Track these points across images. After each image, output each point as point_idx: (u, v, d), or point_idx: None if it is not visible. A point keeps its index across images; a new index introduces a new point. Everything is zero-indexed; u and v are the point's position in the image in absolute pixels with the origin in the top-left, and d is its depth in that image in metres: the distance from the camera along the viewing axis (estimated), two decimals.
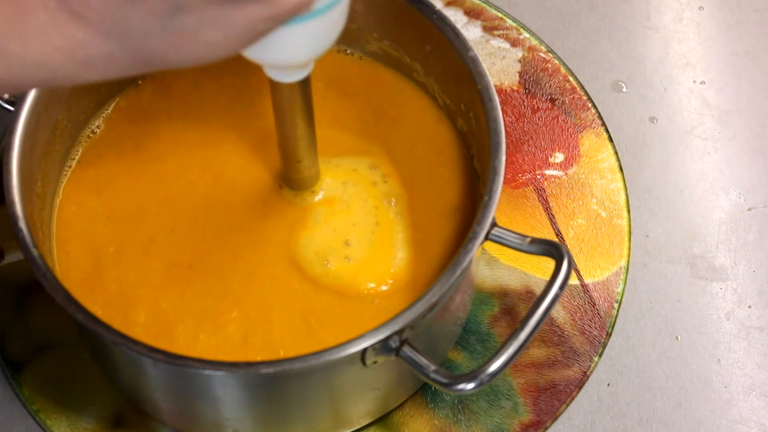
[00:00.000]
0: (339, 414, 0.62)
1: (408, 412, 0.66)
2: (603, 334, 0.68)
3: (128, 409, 0.65)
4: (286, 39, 0.45)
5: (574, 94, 0.75)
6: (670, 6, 0.81)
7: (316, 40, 0.47)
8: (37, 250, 0.54)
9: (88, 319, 0.53)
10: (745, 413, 0.66)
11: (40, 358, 0.67)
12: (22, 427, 0.66)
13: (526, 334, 0.53)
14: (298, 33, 0.45)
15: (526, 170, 0.73)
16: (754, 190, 0.73)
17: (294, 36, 0.45)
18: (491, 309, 0.69)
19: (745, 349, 0.68)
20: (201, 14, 0.36)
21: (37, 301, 0.68)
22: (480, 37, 0.77)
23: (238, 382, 0.55)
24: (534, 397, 0.66)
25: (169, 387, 0.58)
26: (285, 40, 0.45)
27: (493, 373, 0.52)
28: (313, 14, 0.44)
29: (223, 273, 0.60)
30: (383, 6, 0.64)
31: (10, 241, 0.68)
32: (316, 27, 0.46)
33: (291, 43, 0.46)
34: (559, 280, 0.54)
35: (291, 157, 0.60)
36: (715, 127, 0.76)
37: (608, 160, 0.73)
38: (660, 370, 0.68)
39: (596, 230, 0.71)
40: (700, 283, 0.70)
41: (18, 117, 0.58)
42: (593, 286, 0.69)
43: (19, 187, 0.56)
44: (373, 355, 0.53)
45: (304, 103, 0.55)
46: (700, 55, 0.79)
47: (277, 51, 0.46)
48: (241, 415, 0.58)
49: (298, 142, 0.58)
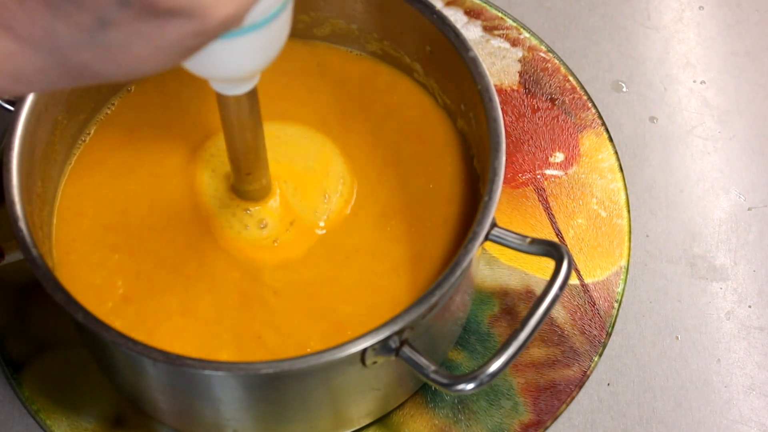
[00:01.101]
0: (339, 414, 0.62)
1: (408, 412, 0.66)
2: (603, 334, 0.68)
3: (128, 409, 0.65)
4: (225, 53, 0.44)
5: (574, 93, 0.75)
6: (670, 6, 0.81)
7: (257, 53, 0.46)
8: (37, 250, 0.54)
9: (88, 319, 0.53)
10: (745, 413, 0.66)
11: (40, 358, 0.67)
12: (22, 427, 0.66)
13: (526, 334, 0.53)
14: (236, 47, 0.44)
15: (526, 170, 0.73)
16: (754, 190, 0.73)
17: (232, 50, 0.44)
18: (491, 309, 0.69)
19: (745, 349, 0.68)
20: (127, 29, 0.36)
21: (37, 301, 0.68)
22: (480, 37, 0.77)
23: (237, 382, 0.55)
24: (534, 397, 0.66)
25: (169, 387, 0.58)
26: (223, 54, 0.44)
27: (493, 374, 0.52)
28: (250, 28, 0.43)
29: (207, 276, 0.61)
30: (383, 6, 0.64)
31: (10, 241, 0.68)
32: (256, 40, 0.44)
33: (230, 57, 0.45)
34: (559, 281, 0.54)
35: (240, 170, 0.59)
36: (715, 127, 0.76)
37: (608, 160, 0.73)
38: (660, 370, 0.68)
39: (596, 230, 0.71)
40: (700, 283, 0.70)
41: (18, 117, 0.58)
42: (593, 285, 0.69)
43: (19, 187, 0.56)
44: (373, 355, 0.53)
45: (251, 116, 0.54)
46: (700, 55, 0.79)
47: (216, 65, 0.45)
48: (241, 415, 0.58)
49: (246, 155, 0.57)
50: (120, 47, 0.37)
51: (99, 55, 0.37)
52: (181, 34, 0.37)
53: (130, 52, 0.37)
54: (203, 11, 0.36)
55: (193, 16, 0.36)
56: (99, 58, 0.37)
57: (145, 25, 0.36)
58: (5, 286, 0.68)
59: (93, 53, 0.37)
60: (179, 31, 0.37)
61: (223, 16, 0.37)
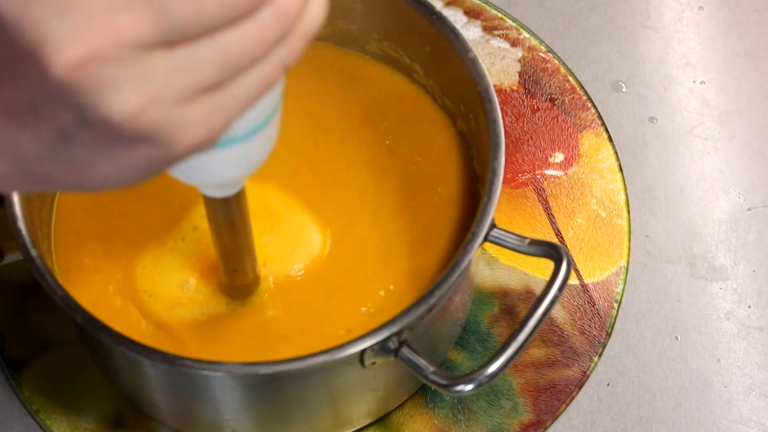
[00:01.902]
0: (338, 414, 0.62)
1: (408, 413, 0.66)
2: (603, 334, 0.68)
3: (128, 409, 0.65)
4: (205, 163, 0.41)
5: (574, 94, 0.75)
6: (670, 6, 0.81)
7: (242, 162, 0.43)
8: (36, 250, 0.54)
9: (87, 320, 0.53)
10: (745, 413, 0.66)
11: (40, 358, 0.67)
12: (22, 427, 0.66)
13: (525, 335, 0.53)
14: (217, 158, 0.41)
15: (525, 170, 0.73)
16: (754, 190, 0.73)
17: (213, 161, 0.41)
18: (491, 309, 0.69)
19: (745, 349, 0.68)
20: (90, 148, 0.35)
21: (37, 301, 0.68)
22: (480, 37, 0.77)
23: (237, 382, 0.55)
24: (534, 397, 0.66)
25: (168, 387, 0.58)
26: (203, 164, 0.41)
27: (492, 375, 0.52)
28: (231, 141, 0.40)
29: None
30: (383, 6, 0.64)
31: (10, 241, 0.68)
32: (239, 151, 0.41)
33: (212, 167, 0.42)
34: (558, 282, 0.54)
35: (228, 266, 0.57)
36: (715, 127, 0.76)
37: (608, 160, 0.73)
38: (660, 370, 0.68)
39: (596, 230, 0.71)
40: (700, 283, 0.70)
41: None
42: (593, 286, 0.69)
43: None
44: (372, 356, 0.53)
45: (240, 215, 0.52)
46: (700, 55, 0.79)
47: (197, 174, 0.43)
48: (241, 415, 0.58)
49: (234, 253, 0.55)
50: (83, 163, 0.36)
51: (62, 168, 0.36)
52: (146, 158, 0.35)
53: (93, 168, 0.36)
54: (169, 139, 0.34)
55: (158, 141, 0.34)
56: (62, 171, 0.36)
57: (107, 146, 0.35)
58: (5, 286, 0.68)
59: (56, 166, 0.36)
60: (144, 155, 0.35)
61: (190, 143, 0.35)
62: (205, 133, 0.35)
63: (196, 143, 0.35)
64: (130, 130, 0.34)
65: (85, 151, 0.35)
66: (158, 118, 0.34)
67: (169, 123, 0.34)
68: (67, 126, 0.34)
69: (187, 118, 0.34)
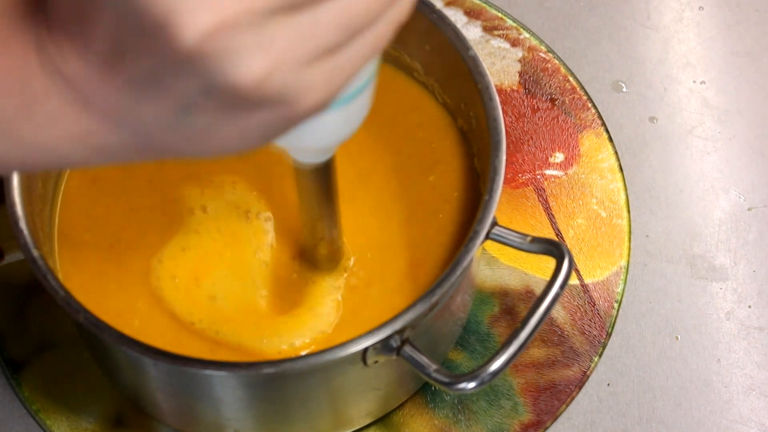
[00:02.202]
0: (339, 414, 0.62)
1: (408, 412, 0.66)
2: (603, 334, 0.68)
3: (128, 409, 0.65)
4: (308, 128, 0.42)
5: (574, 94, 0.75)
6: (670, 6, 0.81)
7: (342, 126, 0.45)
8: (38, 250, 0.54)
9: (88, 319, 0.53)
10: (745, 413, 0.66)
11: (40, 358, 0.67)
12: (22, 427, 0.66)
13: (527, 333, 0.53)
14: (321, 122, 0.42)
15: (526, 170, 0.73)
16: (754, 190, 0.73)
17: (316, 125, 0.42)
18: (491, 309, 0.69)
19: (745, 349, 0.68)
20: (212, 115, 0.36)
21: (38, 301, 0.68)
22: (480, 36, 0.77)
23: (238, 382, 0.55)
24: (534, 397, 0.66)
25: (169, 387, 0.58)
26: (306, 128, 0.42)
27: (494, 373, 0.52)
28: (337, 104, 0.41)
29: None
30: None
31: (10, 241, 0.68)
32: (341, 115, 0.43)
33: (313, 132, 0.44)
34: (560, 279, 0.54)
35: (314, 235, 0.58)
36: (715, 127, 0.76)
37: (608, 160, 0.73)
38: (660, 370, 0.68)
39: (596, 230, 0.71)
40: (700, 283, 0.70)
41: None
42: (593, 286, 0.69)
43: (19, 188, 0.56)
44: (374, 354, 0.53)
45: (327, 184, 0.53)
46: (700, 55, 0.79)
47: (298, 138, 0.44)
48: (242, 415, 0.58)
49: (320, 221, 0.57)
50: (205, 130, 0.36)
51: (183, 135, 0.37)
52: (269, 120, 0.36)
53: (215, 134, 0.36)
54: (293, 101, 0.35)
55: (282, 104, 0.35)
56: (183, 138, 0.37)
57: (230, 112, 0.35)
58: (5, 286, 0.68)
59: (177, 134, 0.37)
60: (267, 118, 0.36)
61: (312, 105, 0.36)
62: (326, 95, 0.36)
63: (317, 105, 0.36)
64: (257, 95, 0.34)
65: (208, 118, 0.36)
66: (283, 82, 0.34)
67: (294, 86, 0.35)
68: (191, 94, 0.35)
69: (310, 80, 0.35)
